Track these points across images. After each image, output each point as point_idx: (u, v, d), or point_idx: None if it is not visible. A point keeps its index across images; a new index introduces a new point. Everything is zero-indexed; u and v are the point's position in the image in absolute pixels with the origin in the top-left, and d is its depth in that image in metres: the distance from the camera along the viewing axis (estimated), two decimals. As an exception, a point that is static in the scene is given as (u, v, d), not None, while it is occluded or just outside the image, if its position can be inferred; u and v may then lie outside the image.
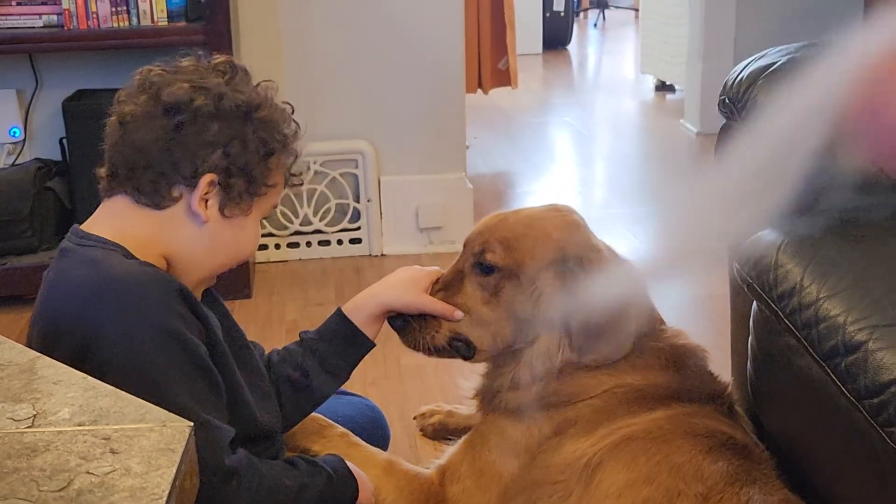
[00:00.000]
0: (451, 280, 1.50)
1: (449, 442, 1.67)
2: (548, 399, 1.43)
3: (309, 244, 3.06)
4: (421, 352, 1.51)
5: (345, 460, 1.39)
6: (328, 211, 3.04)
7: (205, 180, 1.25)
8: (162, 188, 1.25)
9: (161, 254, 1.27)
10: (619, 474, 1.32)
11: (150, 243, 1.26)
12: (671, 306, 2.53)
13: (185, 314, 1.21)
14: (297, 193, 3.01)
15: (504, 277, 1.45)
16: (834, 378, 1.21)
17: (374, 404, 1.78)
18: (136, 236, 1.25)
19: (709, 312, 2.55)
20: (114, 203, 1.28)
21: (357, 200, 3.06)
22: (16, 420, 0.74)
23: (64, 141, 2.78)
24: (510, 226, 1.48)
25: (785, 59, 1.62)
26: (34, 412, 0.75)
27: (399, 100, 3.02)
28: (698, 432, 1.35)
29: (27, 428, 0.73)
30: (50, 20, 2.60)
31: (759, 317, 1.46)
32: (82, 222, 1.30)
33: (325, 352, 1.50)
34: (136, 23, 2.60)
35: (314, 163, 3.00)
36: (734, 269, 1.51)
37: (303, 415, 1.51)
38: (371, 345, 1.52)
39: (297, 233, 3.05)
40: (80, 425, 0.73)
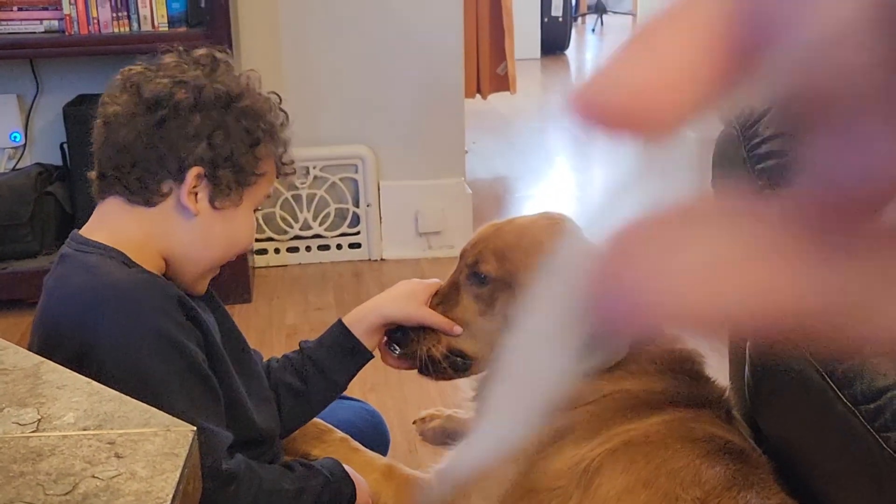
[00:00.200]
0: (447, 293, 1.52)
1: (449, 446, 1.68)
2: None
3: (309, 249, 3.07)
4: (418, 365, 1.52)
5: (342, 463, 1.40)
6: (328, 216, 3.05)
7: (192, 173, 1.24)
8: (150, 185, 1.25)
9: (159, 252, 1.27)
10: (617, 479, 1.33)
11: (146, 243, 1.26)
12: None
13: (183, 321, 1.21)
14: (297, 198, 3.02)
15: (498, 288, 1.47)
16: (831, 383, 1.22)
17: (374, 409, 1.79)
18: (132, 238, 1.26)
19: (707, 317, 2.56)
20: (107, 205, 1.28)
21: (357, 205, 3.06)
22: (21, 424, 0.75)
23: (64, 146, 2.79)
24: (503, 236, 1.50)
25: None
26: (39, 416, 0.76)
27: (398, 105, 3.03)
28: (696, 437, 1.36)
29: (32, 432, 0.74)
30: (51, 25, 2.61)
31: (757, 322, 1.47)
32: (82, 227, 1.31)
33: (325, 361, 1.51)
34: (136, 28, 2.61)
35: (314, 168, 3.01)
36: (732, 274, 1.52)
37: (301, 422, 1.52)
38: (370, 356, 1.54)
39: (297, 237, 3.06)
40: (84, 430, 0.74)
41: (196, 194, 1.26)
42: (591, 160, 4.67)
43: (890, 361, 1.15)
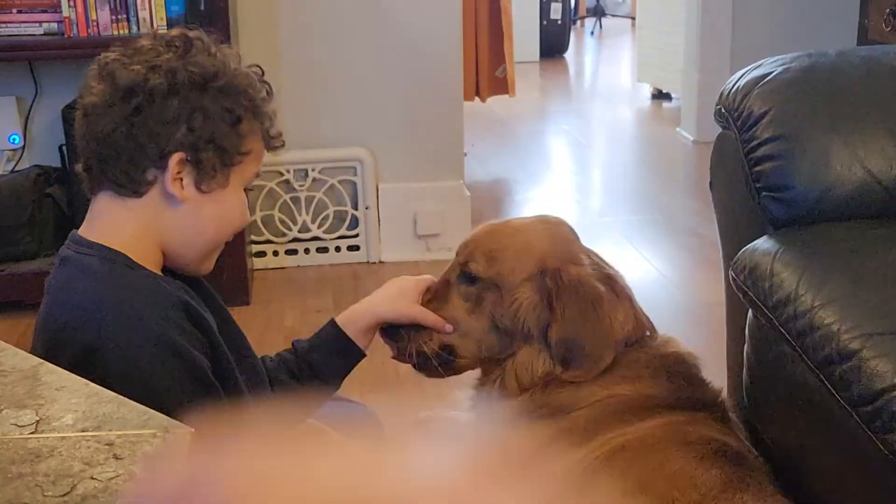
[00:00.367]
0: (438, 290, 1.53)
1: (446, 449, 1.68)
2: (539, 410, 1.44)
3: (307, 251, 3.07)
4: (409, 361, 1.54)
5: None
6: (326, 218, 3.05)
7: (173, 160, 1.23)
8: (134, 175, 1.23)
9: (156, 243, 1.27)
10: (613, 483, 1.33)
11: (142, 235, 1.25)
12: (669, 314, 2.54)
13: (187, 327, 1.21)
14: (296, 200, 3.02)
15: (485, 288, 1.48)
16: (828, 386, 1.22)
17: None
18: (128, 233, 1.25)
19: (705, 321, 2.56)
20: (99, 202, 1.27)
21: (355, 207, 3.07)
22: (20, 426, 0.75)
23: (63, 148, 2.79)
24: (495, 237, 1.51)
25: (780, 68, 1.63)
26: (38, 418, 0.76)
27: (397, 107, 3.03)
28: (692, 440, 1.36)
29: (31, 434, 0.74)
30: (50, 28, 2.61)
31: (755, 325, 1.47)
32: (80, 227, 1.29)
33: (318, 361, 1.52)
34: (136, 30, 2.62)
35: (312, 170, 3.01)
36: (730, 277, 1.53)
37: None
38: (362, 355, 1.54)
39: (296, 240, 3.06)
40: (83, 431, 0.74)
41: (181, 180, 1.24)
42: (589, 163, 4.68)
43: (888, 363, 1.15)
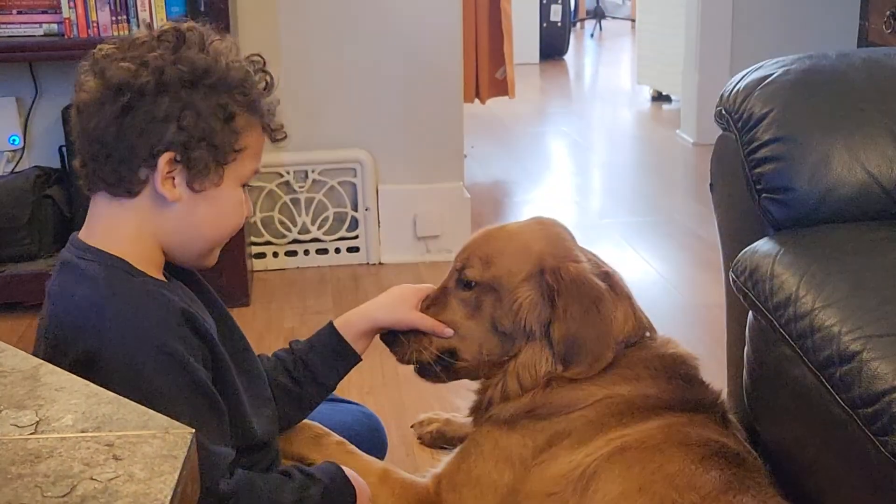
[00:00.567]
0: (437, 297, 1.55)
1: (447, 450, 1.68)
2: (539, 411, 1.45)
3: (307, 252, 3.07)
4: (411, 366, 1.56)
5: (342, 468, 1.40)
6: (326, 219, 3.05)
7: (163, 160, 1.20)
8: (126, 175, 1.21)
9: (155, 243, 1.25)
10: (613, 484, 1.33)
11: (140, 238, 1.24)
12: (669, 316, 2.54)
13: (188, 336, 1.20)
14: (296, 202, 3.02)
15: (483, 292, 1.49)
16: (829, 387, 1.22)
17: (372, 412, 1.79)
18: (127, 236, 1.24)
19: (706, 322, 2.56)
20: (97, 204, 1.26)
21: (355, 209, 3.07)
22: (19, 427, 0.75)
23: (63, 149, 2.79)
24: (491, 241, 1.53)
25: (781, 70, 1.63)
26: (37, 419, 0.76)
27: (397, 109, 3.03)
28: (691, 441, 1.36)
29: (31, 434, 0.74)
30: (50, 29, 2.61)
31: (755, 327, 1.47)
32: (81, 230, 1.29)
33: (315, 363, 1.53)
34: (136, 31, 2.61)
35: (312, 171, 3.01)
36: (730, 279, 1.53)
37: (293, 421, 1.53)
38: (358, 359, 1.55)
39: (296, 241, 3.06)
40: (83, 432, 0.74)
41: (173, 179, 1.22)
42: (589, 165, 4.68)
43: (889, 365, 1.15)
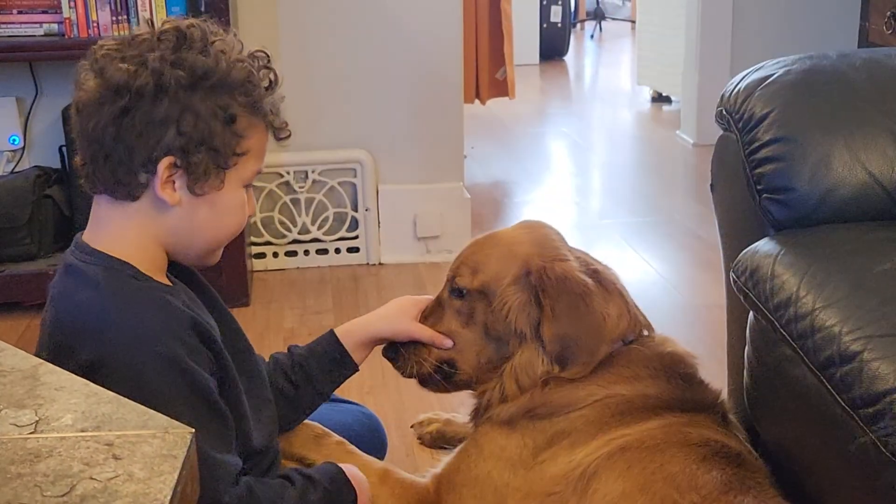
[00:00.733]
0: (433, 308, 1.57)
1: (446, 450, 1.68)
2: (539, 411, 1.45)
3: (307, 253, 3.07)
4: (413, 378, 1.57)
5: (343, 469, 1.40)
6: (326, 220, 3.05)
7: (162, 164, 1.18)
8: (124, 178, 1.19)
9: (158, 246, 1.24)
10: (613, 484, 1.33)
11: (144, 241, 1.23)
12: (669, 316, 2.54)
13: (193, 344, 1.19)
14: (296, 202, 3.02)
15: (475, 299, 1.51)
16: (829, 388, 1.22)
17: (372, 412, 1.79)
18: (130, 240, 1.23)
19: (706, 322, 2.56)
20: (100, 206, 1.25)
21: (355, 209, 3.07)
22: (19, 426, 0.75)
23: (63, 149, 2.79)
24: (479, 249, 1.55)
25: (781, 70, 1.63)
26: (37, 418, 0.76)
27: (397, 109, 3.03)
28: (692, 441, 1.36)
29: (30, 434, 0.74)
30: (50, 29, 2.61)
31: (756, 327, 1.47)
32: (81, 230, 1.28)
33: (314, 369, 1.53)
34: (136, 31, 2.61)
35: (312, 171, 3.01)
36: (731, 279, 1.52)
37: (290, 424, 1.53)
38: (356, 369, 1.57)
39: (296, 241, 3.06)
40: (82, 431, 0.74)
41: (173, 183, 1.20)
42: (589, 166, 4.68)
43: (889, 365, 1.15)
